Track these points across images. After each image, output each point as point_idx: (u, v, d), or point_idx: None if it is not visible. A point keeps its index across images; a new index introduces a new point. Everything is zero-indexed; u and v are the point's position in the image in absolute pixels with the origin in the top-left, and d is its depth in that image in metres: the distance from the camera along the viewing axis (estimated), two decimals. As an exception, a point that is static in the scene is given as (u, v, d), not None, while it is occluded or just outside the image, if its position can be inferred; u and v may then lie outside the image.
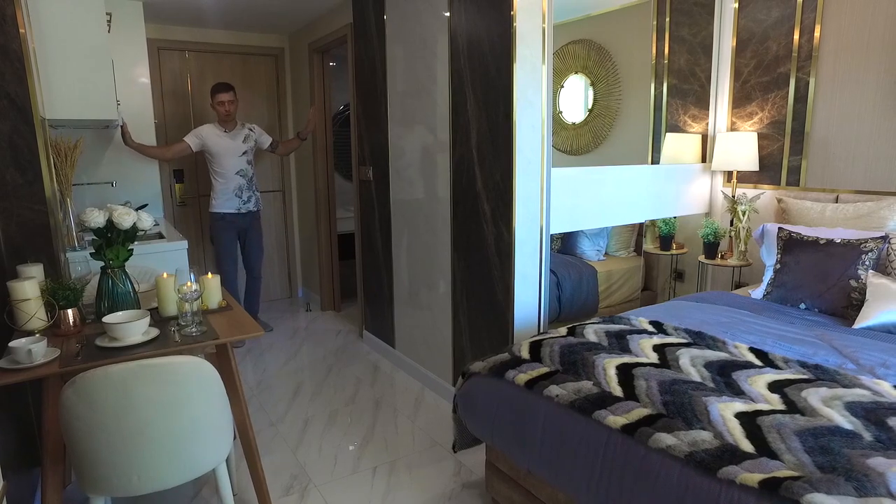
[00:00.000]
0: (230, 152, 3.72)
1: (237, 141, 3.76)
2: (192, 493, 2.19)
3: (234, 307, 2.06)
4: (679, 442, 1.33)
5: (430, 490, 2.19)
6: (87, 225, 1.82)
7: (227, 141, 3.71)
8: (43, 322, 1.79)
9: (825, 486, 1.10)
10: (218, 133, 3.70)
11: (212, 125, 3.72)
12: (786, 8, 2.76)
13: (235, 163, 3.74)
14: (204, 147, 3.67)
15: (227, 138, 3.72)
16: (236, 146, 3.74)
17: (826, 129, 2.68)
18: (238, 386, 1.91)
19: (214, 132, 3.70)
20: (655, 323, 2.08)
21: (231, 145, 3.72)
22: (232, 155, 3.72)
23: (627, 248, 3.58)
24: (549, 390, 1.65)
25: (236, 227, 3.82)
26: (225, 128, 3.73)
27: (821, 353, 1.80)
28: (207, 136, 3.67)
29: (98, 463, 1.48)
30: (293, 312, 4.69)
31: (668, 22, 3.31)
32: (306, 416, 2.82)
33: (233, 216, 3.79)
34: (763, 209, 2.92)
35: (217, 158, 3.70)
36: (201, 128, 3.71)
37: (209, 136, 3.68)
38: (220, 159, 3.70)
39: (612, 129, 3.69)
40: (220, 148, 3.69)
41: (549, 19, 2.27)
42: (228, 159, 3.72)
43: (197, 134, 3.66)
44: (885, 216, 2.36)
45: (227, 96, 3.64)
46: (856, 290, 2.17)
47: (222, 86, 3.65)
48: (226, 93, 3.64)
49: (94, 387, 1.41)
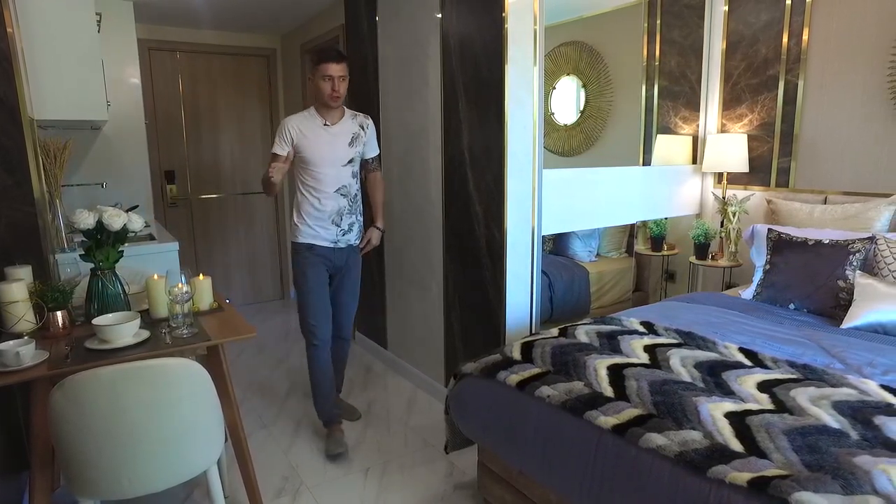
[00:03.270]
0: (332, 158, 2.43)
1: (342, 141, 2.46)
2: (183, 496, 2.17)
3: (225, 308, 2.06)
4: (669, 442, 1.34)
5: (423, 491, 2.19)
6: (76, 226, 1.81)
7: (329, 139, 2.43)
8: (31, 324, 1.77)
9: (812, 484, 1.12)
10: (316, 125, 2.42)
11: (306, 113, 2.44)
12: (775, 11, 2.79)
13: (337, 175, 2.45)
14: (296, 147, 2.41)
15: (329, 135, 2.43)
16: (341, 150, 2.45)
17: (814, 130, 2.71)
18: (229, 388, 1.90)
19: (312, 124, 2.41)
20: (646, 323, 2.10)
21: (334, 147, 2.44)
22: (334, 162, 2.44)
23: (619, 249, 3.60)
24: (540, 391, 1.65)
25: (327, 265, 2.53)
26: (326, 118, 2.43)
27: (809, 353, 1.82)
28: (301, 131, 2.39)
29: (87, 466, 1.46)
30: (285, 314, 4.67)
31: (659, 24, 3.34)
32: (298, 418, 2.81)
33: (325, 250, 2.49)
34: (753, 210, 2.94)
35: (313, 165, 2.41)
36: (289, 120, 2.41)
37: (304, 129, 2.40)
38: (317, 167, 2.41)
39: (603, 130, 3.71)
40: (318, 148, 2.41)
41: (541, 21, 2.27)
42: (329, 168, 2.43)
43: (284, 132, 2.39)
44: (872, 217, 2.39)
45: (338, 69, 2.34)
46: (844, 290, 2.19)
47: (333, 53, 2.35)
48: (337, 63, 2.34)
49: (83, 389, 1.40)
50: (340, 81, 2.35)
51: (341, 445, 2.43)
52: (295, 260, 2.53)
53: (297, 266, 2.52)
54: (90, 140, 3.50)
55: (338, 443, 2.43)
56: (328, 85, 2.33)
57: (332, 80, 2.33)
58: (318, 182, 2.43)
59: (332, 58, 2.33)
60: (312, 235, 2.47)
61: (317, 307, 2.49)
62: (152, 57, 4.22)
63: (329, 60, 2.32)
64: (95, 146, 3.53)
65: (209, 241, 4.68)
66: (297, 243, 2.50)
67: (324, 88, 2.34)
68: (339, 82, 2.34)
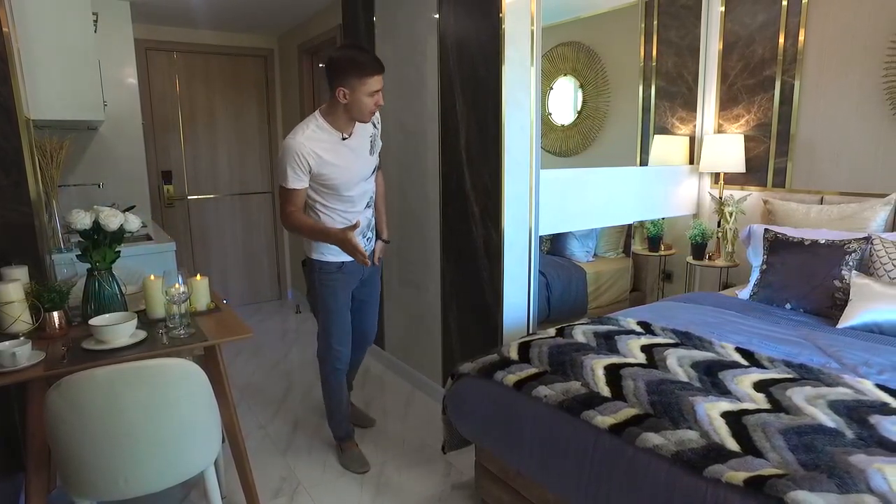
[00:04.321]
0: (359, 176, 2.13)
1: (363, 153, 2.14)
2: (180, 497, 2.17)
3: (222, 309, 2.05)
4: (666, 441, 1.34)
5: (420, 492, 2.18)
6: (73, 226, 1.80)
7: (353, 157, 2.09)
8: (28, 325, 1.76)
9: (808, 483, 1.12)
10: (334, 142, 2.04)
11: (314, 128, 2.02)
12: (771, 12, 2.80)
13: (364, 190, 2.18)
14: (315, 174, 2.03)
15: (351, 151, 2.08)
16: (364, 163, 2.15)
17: (811, 131, 2.72)
18: (226, 388, 1.90)
19: (328, 143, 2.03)
20: (643, 323, 2.10)
21: (358, 163, 2.12)
22: (361, 180, 2.14)
23: (616, 250, 3.60)
24: (537, 391, 1.66)
25: (355, 282, 2.30)
26: (344, 130, 2.06)
27: (805, 353, 1.82)
28: (319, 155, 2.00)
29: (84, 467, 1.46)
30: (283, 314, 4.66)
31: (656, 25, 3.34)
32: (296, 419, 2.81)
33: (354, 266, 2.21)
34: (750, 210, 2.95)
35: (340, 190, 2.09)
36: (298, 144, 1.97)
37: (321, 151, 2.00)
38: (345, 190, 2.10)
39: (601, 130, 3.71)
40: (344, 171, 2.06)
41: (538, 21, 2.28)
42: (357, 189, 2.13)
43: (298, 160, 1.97)
44: (867, 217, 2.40)
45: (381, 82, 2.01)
46: (840, 290, 2.20)
47: (379, 63, 1.99)
48: (382, 73, 2.00)
49: (79, 390, 1.40)
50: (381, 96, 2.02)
51: (365, 464, 2.33)
52: (322, 280, 2.20)
53: (325, 286, 2.21)
54: (87, 140, 3.50)
55: (359, 461, 2.34)
56: (372, 100, 1.98)
57: (378, 94, 1.99)
58: (347, 203, 2.13)
59: (379, 69, 1.98)
60: (340, 253, 2.12)
61: (343, 330, 2.27)
62: (149, 57, 4.22)
63: (377, 72, 1.96)
64: (92, 146, 3.52)
65: (206, 242, 4.67)
66: (326, 262, 2.18)
67: (367, 104, 1.98)
68: (381, 95, 2.01)
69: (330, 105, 2.02)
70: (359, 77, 1.93)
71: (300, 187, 2.02)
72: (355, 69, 1.93)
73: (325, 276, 2.20)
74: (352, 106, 1.98)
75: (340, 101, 1.97)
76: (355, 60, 1.93)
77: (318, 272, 2.21)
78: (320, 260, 2.19)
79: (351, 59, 1.93)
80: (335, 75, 1.95)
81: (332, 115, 2.02)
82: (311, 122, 2.03)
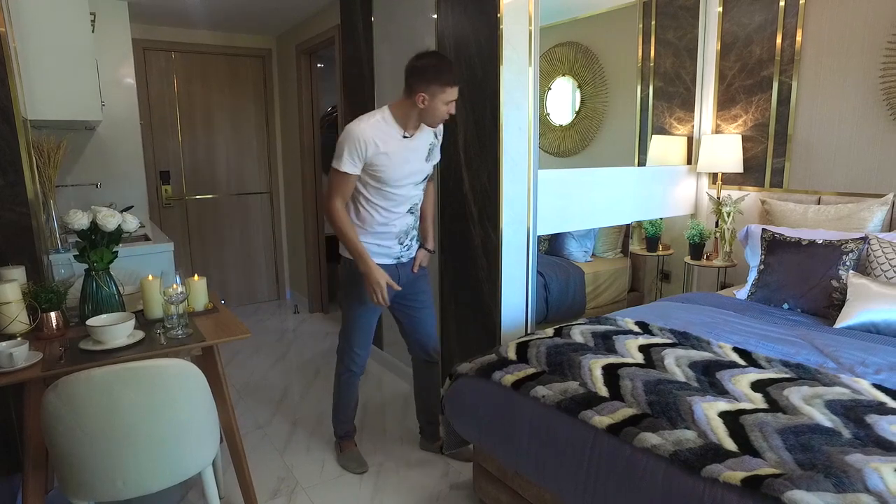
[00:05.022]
0: (410, 177, 2.12)
1: (419, 156, 2.14)
2: (178, 497, 2.17)
3: (220, 309, 2.05)
4: (664, 441, 1.34)
5: (419, 492, 2.19)
6: (70, 227, 1.80)
7: (408, 155, 2.09)
8: (25, 325, 1.76)
9: (805, 483, 1.12)
10: (395, 136, 2.05)
11: (380, 118, 2.04)
12: (768, 13, 2.80)
13: (410, 194, 2.15)
14: (369, 163, 2.03)
15: (408, 150, 2.08)
16: (417, 166, 2.14)
17: (808, 131, 2.73)
18: (224, 388, 1.90)
19: (390, 135, 2.04)
20: (641, 323, 2.10)
21: (412, 164, 2.11)
22: (410, 181, 2.13)
23: (614, 250, 3.61)
24: (535, 391, 1.66)
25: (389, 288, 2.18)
26: (407, 127, 2.07)
27: (803, 353, 1.83)
28: (378, 145, 2.01)
29: (81, 468, 1.46)
30: (281, 314, 4.66)
31: (654, 25, 3.35)
32: (294, 419, 2.80)
33: (387, 269, 2.17)
34: (747, 210, 2.96)
35: (387, 185, 2.08)
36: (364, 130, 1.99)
37: (382, 142, 2.02)
38: (392, 187, 2.09)
39: (599, 131, 3.72)
40: (397, 167, 2.06)
41: (536, 22, 2.28)
42: (404, 189, 2.12)
43: (359, 145, 1.99)
44: (864, 217, 2.41)
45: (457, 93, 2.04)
46: (837, 290, 2.21)
47: (458, 75, 2.09)
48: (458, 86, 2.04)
49: (77, 391, 1.39)
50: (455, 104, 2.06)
51: (363, 464, 2.34)
52: (350, 278, 2.19)
53: (352, 285, 2.20)
54: (84, 140, 3.49)
55: (358, 461, 2.35)
56: (446, 109, 2.02)
57: (452, 103, 2.03)
58: (390, 202, 2.11)
59: (459, 81, 2.05)
60: (374, 253, 2.13)
61: (364, 333, 2.26)
62: (147, 57, 4.21)
63: (457, 84, 2.02)
64: (90, 146, 3.52)
65: (204, 242, 4.67)
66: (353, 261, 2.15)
67: (442, 112, 2.01)
68: (454, 105, 2.05)
69: (402, 104, 2.05)
70: (441, 86, 1.98)
71: (352, 173, 2.02)
72: (439, 78, 1.97)
73: (353, 274, 2.18)
74: (427, 111, 2.02)
75: (418, 105, 2.00)
76: (440, 70, 1.98)
77: (348, 270, 2.20)
78: (348, 258, 2.18)
79: (436, 68, 1.98)
80: (418, 80, 1.99)
81: (402, 113, 2.06)
82: (378, 114, 2.06)
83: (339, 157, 2.01)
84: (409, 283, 2.28)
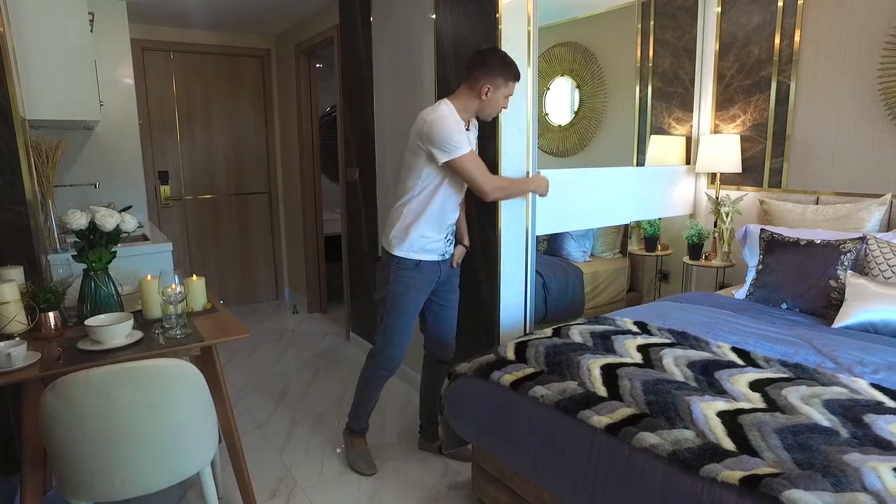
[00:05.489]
0: None
1: (474, 146, 2.20)
2: (176, 497, 2.17)
3: (218, 309, 2.05)
4: (662, 441, 1.35)
5: (417, 492, 2.19)
6: (69, 227, 1.80)
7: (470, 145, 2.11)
8: (23, 325, 1.76)
9: (803, 482, 1.12)
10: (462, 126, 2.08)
11: (452, 110, 2.05)
12: (767, 13, 2.81)
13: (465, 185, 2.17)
14: None
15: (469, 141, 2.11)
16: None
17: (806, 131, 2.73)
18: (223, 388, 1.89)
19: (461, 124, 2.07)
20: (640, 323, 2.10)
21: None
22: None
23: (613, 250, 3.61)
24: (534, 391, 1.66)
25: (430, 284, 2.23)
26: (466, 120, 2.12)
27: (801, 353, 1.83)
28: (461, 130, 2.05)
29: (80, 468, 1.46)
30: (280, 314, 4.66)
31: (653, 25, 3.35)
32: (293, 419, 2.80)
33: (432, 266, 2.20)
34: (746, 210, 2.96)
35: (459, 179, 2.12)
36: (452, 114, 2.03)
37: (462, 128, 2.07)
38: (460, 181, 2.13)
39: (597, 131, 3.72)
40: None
41: (535, 22, 2.28)
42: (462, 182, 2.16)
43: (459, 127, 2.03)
44: (862, 217, 2.41)
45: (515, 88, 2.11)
46: (835, 290, 2.21)
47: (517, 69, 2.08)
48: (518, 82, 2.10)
49: (75, 391, 1.39)
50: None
51: (372, 466, 2.32)
52: (397, 276, 2.16)
53: (398, 283, 2.16)
54: (83, 140, 3.49)
55: (368, 462, 2.33)
56: (503, 103, 2.09)
57: (508, 99, 2.10)
58: (458, 194, 2.16)
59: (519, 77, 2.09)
60: (424, 250, 2.14)
61: (406, 336, 2.24)
62: (146, 57, 4.21)
63: (518, 80, 2.08)
64: (88, 146, 3.52)
65: (203, 242, 4.67)
66: (405, 259, 2.14)
67: (500, 105, 2.08)
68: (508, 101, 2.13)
69: (463, 98, 2.07)
70: (505, 79, 2.03)
71: (469, 150, 2.03)
72: (505, 71, 2.02)
73: (401, 272, 2.16)
74: (487, 104, 2.06)
75: (481, 97, 2.03)
76: (507, 63, 2.03)
77: (394, 267, 2.17)
78: (398, 255, 2.15)
79: (503, 61, 2.02)
80: (484, 72, 2.01)
81: (462, 106, 2.07)
82: (444, 106, 2.05)
83: (453, 144, 1.98)
84: (445, 280, 2.29)
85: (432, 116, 2.01)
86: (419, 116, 2.06)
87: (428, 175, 2.08)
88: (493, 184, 2.08)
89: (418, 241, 2.13)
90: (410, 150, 2.10)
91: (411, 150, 2.10)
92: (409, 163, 2.11)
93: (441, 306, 2.32)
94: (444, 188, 2.11)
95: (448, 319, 2.36)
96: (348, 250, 3.77)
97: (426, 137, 2.01)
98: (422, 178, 2.08)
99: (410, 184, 2.11)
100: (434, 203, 2.12)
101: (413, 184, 2.10)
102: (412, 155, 2.09)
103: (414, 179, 2.10)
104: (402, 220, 2.13)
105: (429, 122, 2.00)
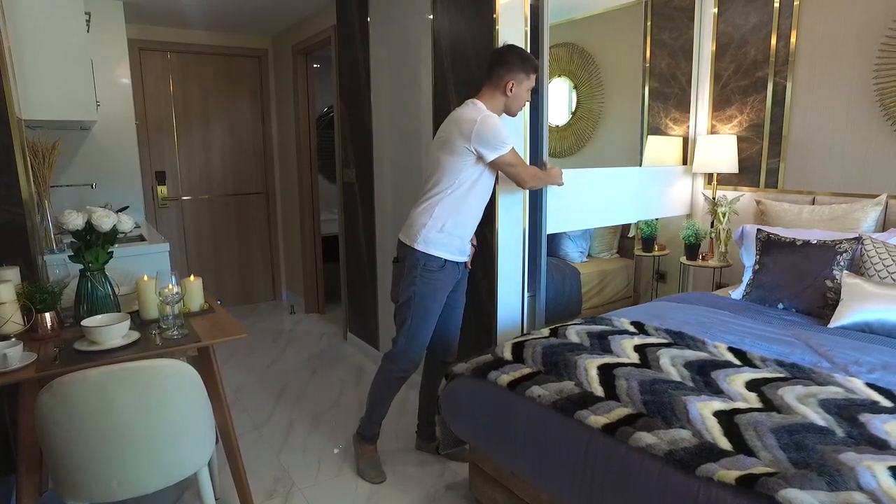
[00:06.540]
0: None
1: None
2: (174, 498, 2.16)
3: (216, 310, 2.05)
4: (659, 441, 1.35)
5: (415, 491, 2.19)
6: (65, 227, 1.79)
7: None
8: (19, 326, 1.75)
9: (799, 481, 1.13)
10: None
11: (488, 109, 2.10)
12: (763, 14, 2.82)
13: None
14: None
15: None
16: None
17: (803, 132, 2.74)
18: (220, 389, 1.89)
19: None
20: (637, 323, 2.11)
21: None
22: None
23: (610, 250, 3.62)
24: (531, 391, 1.66)
25: (451, 284, 2.24)
26: None
27: (797, 352, 1.84)
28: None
29: (76, 469, 1.45)
30: (277, 315, 4.65)
31: (650, 26, 3.36)
32: (290, 419, 2.80)
33: (454, 267, 2.21)
34: (743, 211, 2.97)
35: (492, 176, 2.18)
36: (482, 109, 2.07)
37: None
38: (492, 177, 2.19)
39: (595, 131, 3.73)
40: None
41: (532, 23, 2.28)
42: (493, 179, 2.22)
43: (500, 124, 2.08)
44: (858, 218, 2.42)
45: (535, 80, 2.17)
46: (831, 290, 2.22)
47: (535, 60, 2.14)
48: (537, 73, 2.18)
49: (71, 391, 1.39)
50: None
51: (381, 474, 2.27)
52: (424, 276, 2.13)
53: (426, 283, 2.13)
54: (79, 140, 3.48)
55: (377, 470, 2.28)
56: (526, 97, 2.13)
57: (529, 92, 2.14)
58: (488, 192, 2.18)
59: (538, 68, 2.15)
60: (452, 249, 2.14)
61: (428, 336, 2.22)
62: (143, 57, 4.20)
63: (537, 71, 2.14)
64: (85, 146, 3.51)
65: (200, 243, 4.66)
66: (434, 257, 2.11)
67: (523, 99, 2.13)
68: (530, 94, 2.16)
69: (490, 96, 2.11)
70: (526, 73, 2.09)
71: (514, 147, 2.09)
72: (525, 65, 2.08)
73: (429, 273, 2.13)
74: (512, 99, 2.11)
75: (507, 93, 2.09)
76: (526, 57, 2.10)
77: (421, 267, 2.13)
78: (426, 254, 2.11)
79: (522, 55, 2.09)
80: (507, 68, 2.07)
81: (491, 105, 2.10)
82: (480, 104, 2.08)
83: (503, 142, 2.03)
84: (458, 285, 2.29)
85: (481, 116, 2.02)
86: (459, 117, 2.06)
87: (466, 174, 2.08)
88: (531, 172, 2.20)
89: (450, 242, 2.12)
90: (448, 150, 2.06)
91: (449, 150, 2.06)
92: (445, 162, 2.07)
93: (450, 307, 2.29)
94: (478, 187, 2.12)
95: (455, 320, 2.35)
96: (346, 251, 3.77)
97: (475, 136, 2.01)
98: (459, 177, 2.08)
99: (446, 183, 2.09)
100: (470, 202, 2.12)
101: (450, 182, 2.09)
102: (449, 154, 2.06)
103: (451, 178, 2.08)
104: (434, 218, 2.09)
105: (479, 121, 2.00)
